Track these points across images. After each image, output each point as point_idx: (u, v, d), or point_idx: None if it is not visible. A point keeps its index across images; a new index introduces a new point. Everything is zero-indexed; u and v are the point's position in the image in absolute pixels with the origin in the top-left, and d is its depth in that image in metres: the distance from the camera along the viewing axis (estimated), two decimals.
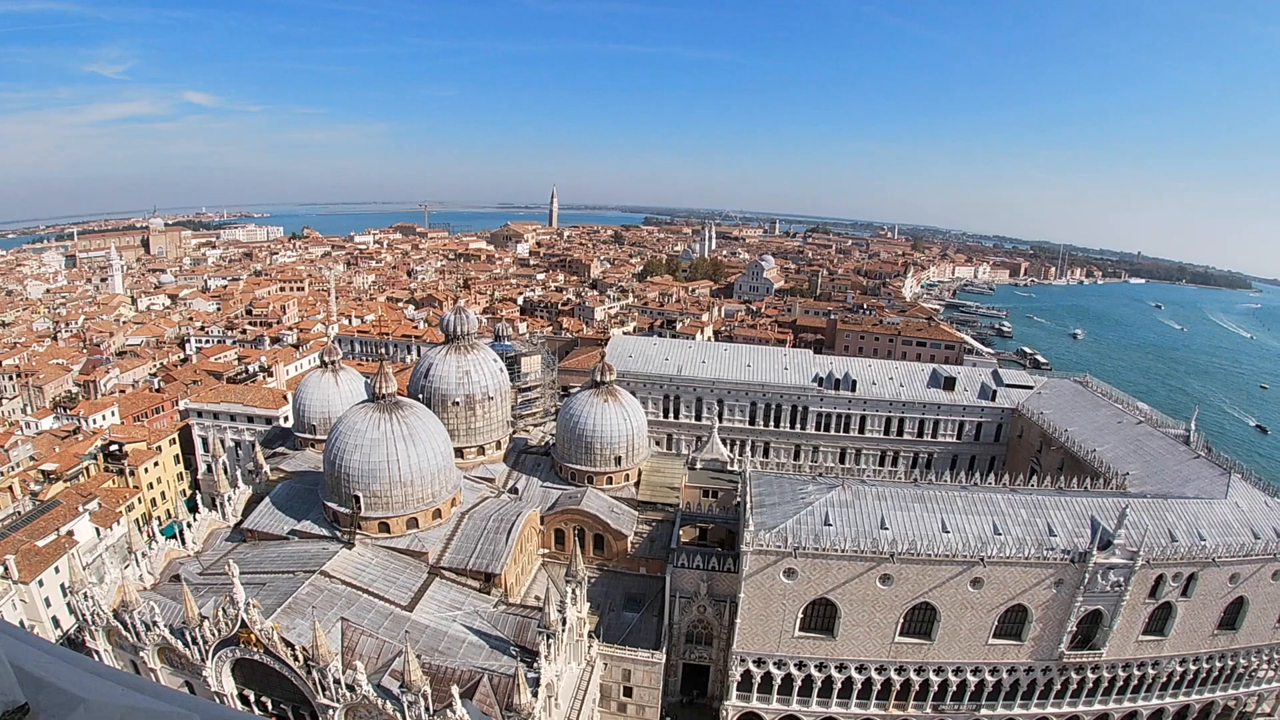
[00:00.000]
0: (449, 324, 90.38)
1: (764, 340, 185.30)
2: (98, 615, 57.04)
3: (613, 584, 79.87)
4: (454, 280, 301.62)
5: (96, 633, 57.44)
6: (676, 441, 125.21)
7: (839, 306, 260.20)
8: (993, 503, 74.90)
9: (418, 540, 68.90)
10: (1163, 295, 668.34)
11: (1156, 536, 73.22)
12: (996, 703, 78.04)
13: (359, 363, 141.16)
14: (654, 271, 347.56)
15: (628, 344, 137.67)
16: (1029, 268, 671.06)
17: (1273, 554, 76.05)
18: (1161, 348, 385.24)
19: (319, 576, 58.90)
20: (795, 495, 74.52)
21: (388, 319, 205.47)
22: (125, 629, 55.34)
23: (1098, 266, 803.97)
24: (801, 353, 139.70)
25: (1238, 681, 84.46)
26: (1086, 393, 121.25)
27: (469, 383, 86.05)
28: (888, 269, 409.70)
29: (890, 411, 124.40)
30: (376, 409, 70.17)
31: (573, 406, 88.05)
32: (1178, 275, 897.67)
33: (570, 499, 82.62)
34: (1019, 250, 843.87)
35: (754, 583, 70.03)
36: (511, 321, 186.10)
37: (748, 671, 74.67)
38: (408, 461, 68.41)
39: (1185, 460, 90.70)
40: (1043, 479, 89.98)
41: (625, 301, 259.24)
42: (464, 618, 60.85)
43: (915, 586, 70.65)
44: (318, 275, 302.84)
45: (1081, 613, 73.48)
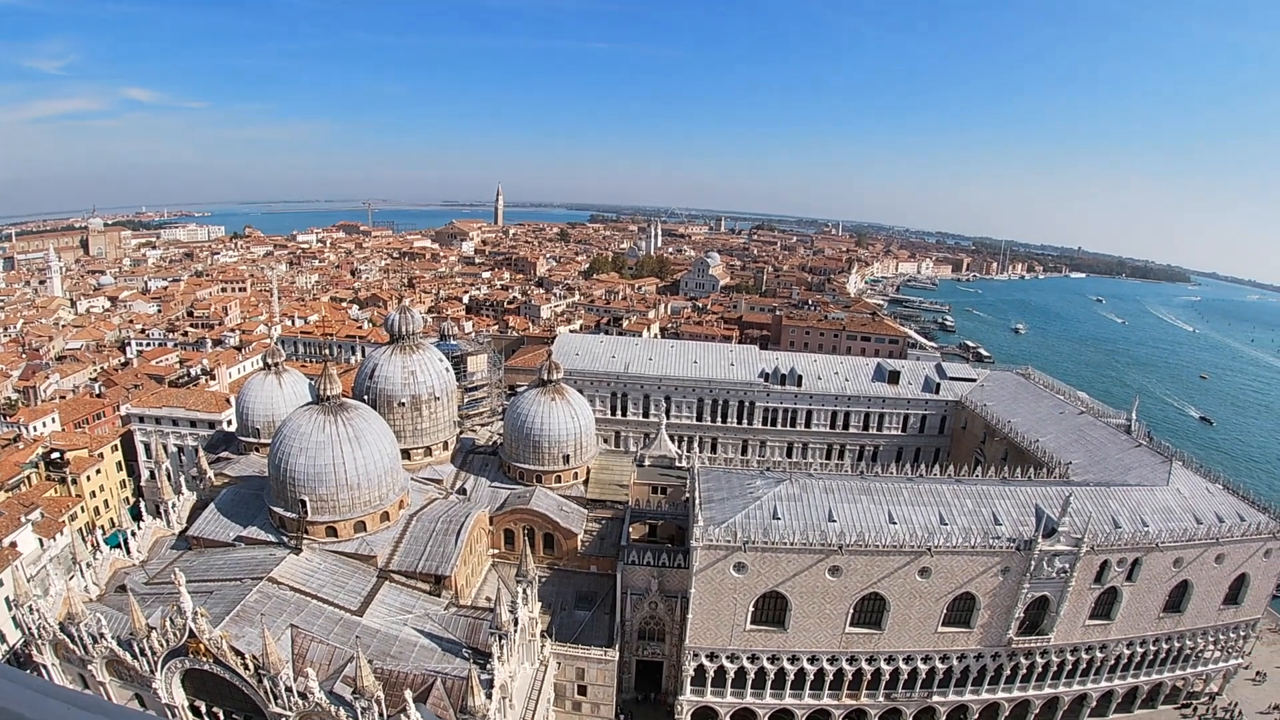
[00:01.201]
0: (394, 324, 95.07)
1: (710, 337, 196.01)
2: (44, 629, 61.09)
3: (564, 583, 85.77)
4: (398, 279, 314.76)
5: (44, 647, 61.49)
6: (625, 439, 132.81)
7: (784, 303, 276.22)
8: (938, 494, 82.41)
9: (366, 544, 73.81)
10: (1103, 289, 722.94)
11: (1100, 523, 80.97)
12: (948, 689, 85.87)
13: (303, 364, 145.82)
14: (600, 269, 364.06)
15: (574, 342, 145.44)
16: (971, 263, 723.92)
17: (1215, 538, 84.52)
18: (1102, 340, 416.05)
19: (267, 583, 63.58)
20: (743, 490, 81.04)
21: (331, 319, 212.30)
22: (72, 642, 59.55)
23: (1039, 261, 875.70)
24: (748, 349, 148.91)
25: (1185, 663, 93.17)
26: (1029, 385, 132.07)
27: (415, 383, 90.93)
28: (832, 265, 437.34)
29: (836, 406, 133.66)
30: (321, 411, 74.75)
31: (520, 405, 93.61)
32: (1117, 270, 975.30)
33: (519, 499, 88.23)
34: (961, 246, 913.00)
35: (704, 578, 76.25)
36: (457, 320, 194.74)
37: (701, 666, 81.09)
38: (354, 464, 73.13)
39: (1127, 449, 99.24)
40: (987, 469, 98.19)
41: (571, 299, 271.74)
42: (415, 621, 65.89)
43: (864, 577, 77.49)
44: (260, 275, 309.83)
45: (1029, 599, 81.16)
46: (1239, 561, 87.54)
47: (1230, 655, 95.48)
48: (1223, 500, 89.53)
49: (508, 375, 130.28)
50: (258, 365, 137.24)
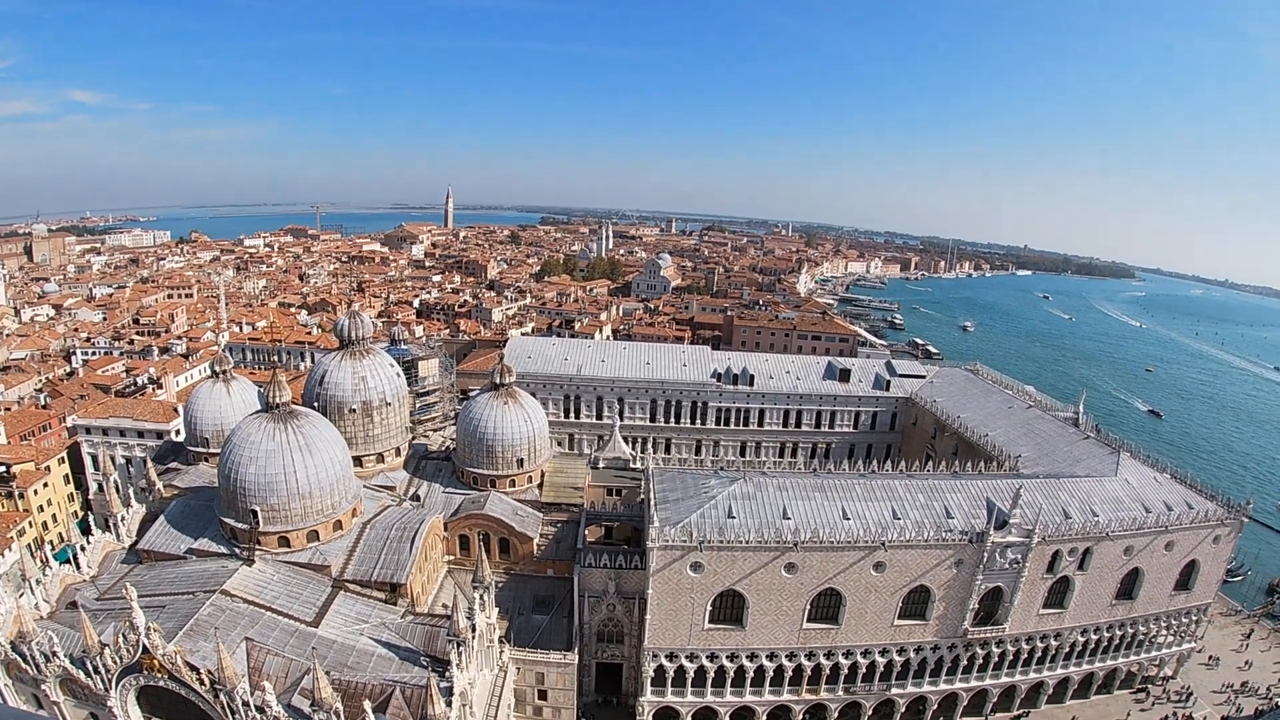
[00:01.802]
0: (343, 329, 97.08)
1: (662, 338, 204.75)
2: None
3: (520, 587, 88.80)
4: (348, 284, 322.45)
5: None
6: (578, 441, 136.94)
7: (735, 303, 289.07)
8: (891, 489, 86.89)
9: (319, 553, 75.94)
10: (1049, 286, 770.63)
11: (1051, 514, 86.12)
12: (906, 681, 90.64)
13: (251, 371, 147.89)
14: (552, 271, 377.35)
15: (526, 345, 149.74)
16: (919, 262, 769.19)
17: (1164, 526, 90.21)
18: (1049, 336, 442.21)
19: (220, 596, 65.57)
20: (698, 490, 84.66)
21: (280, 325, 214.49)
22: (24, 661, 60.98)
23: (986, 260, 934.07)
24: (700, 349, 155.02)
25: (1138, 648, 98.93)
26: (977, 380, 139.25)
27: (365, 389, 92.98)
28: (782, 265, 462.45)
29: (788, 404, 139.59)
30: (271, 419, 76.25)
31: (472, 410, 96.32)
32: (1063, 267, 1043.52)
33: (473, 504, 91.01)
34: (909, 245, 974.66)
35: (662, 578, 79.70)
36: (407, 325, 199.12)
37: (660, 666, 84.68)
38: (305, 472, 74.93)
39: (1075, 441, 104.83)
40: (938, 464, 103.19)
41: (523, 302, 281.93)
42: (371, 630, 68.32)
43: (820, 573, 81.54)
44: (206, 281, 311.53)
45: (983, 590, 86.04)
46: (1188, 548, 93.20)
47: (1183, 639, 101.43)
48: (1171, 489, 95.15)
49: (460, 379, 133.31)
50: (205, 373, 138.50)
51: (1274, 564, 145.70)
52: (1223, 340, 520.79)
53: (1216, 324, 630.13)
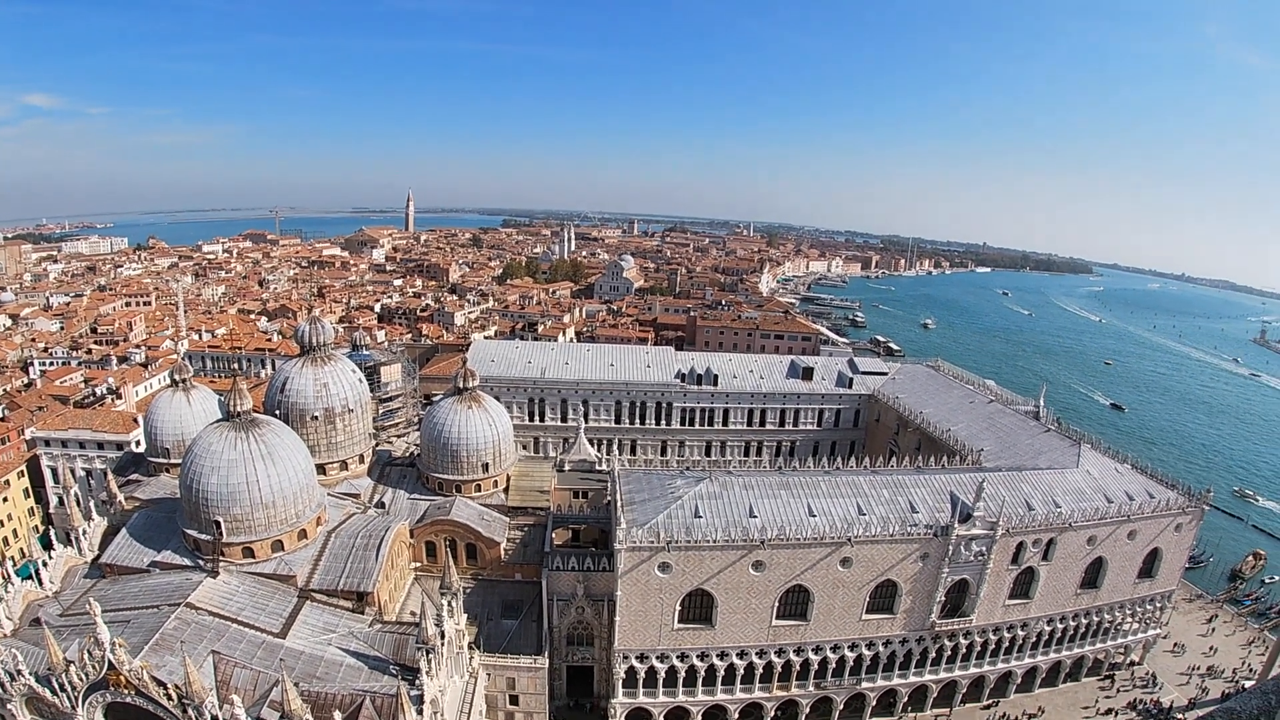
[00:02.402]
0: (304, 335, 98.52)
1: (626, 339, 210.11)
2: None
3: (489, 593, 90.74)
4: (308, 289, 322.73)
5: None
6: (544, 444, 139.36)
7: (698, 304, 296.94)
8: (856, 485, 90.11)
9: (284, 563, 77.33)
10: (1008, 282, 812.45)
11: (1014, 507, 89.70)
12: (876, 675, 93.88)
13: (211, 380, 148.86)
14: (514, 274, 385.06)
15: (489, 348, 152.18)
16: (880, 260, 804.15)
17: (1126, 516, 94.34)
18: (1009, 331, 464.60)
19: (185, 609, 66.74)
20: (664, 490, 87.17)
21: (240, 332, 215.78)
22: None
23: (945, 257, 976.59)
24: (663, 350, 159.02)
25: (1104, 635, 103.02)
26: (939, 376, 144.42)
27: (327, 395, 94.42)
28: (744, 265, 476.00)
29: (752, 403, 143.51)
30: (232, 428, 77.45)
31: (436, 415, 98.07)
32: (1022, 263, 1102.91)
33: (439, 509, 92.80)
34: (870, 244, 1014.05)
35: (630, 580, 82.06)
36: (369, 330, 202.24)
37: (631, 668, 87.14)
38: (268, 482, 76.27)
39: (1036, 434, 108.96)
40: (901, 459, 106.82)
41: (485, 305, 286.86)
42: (339, 640, 69.81)
43: (787, 570, 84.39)
44: (165, 288, 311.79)
45: (949, 583, 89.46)
46: (1151, 537, 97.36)
47: (1148, 626, 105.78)
48: (1132, 479, 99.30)
49: (423, 384, 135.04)
50: (165, 382, 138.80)
51: (1235, 550, 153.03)
52: (1180, 333, 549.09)
53: (1174, 317, 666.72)
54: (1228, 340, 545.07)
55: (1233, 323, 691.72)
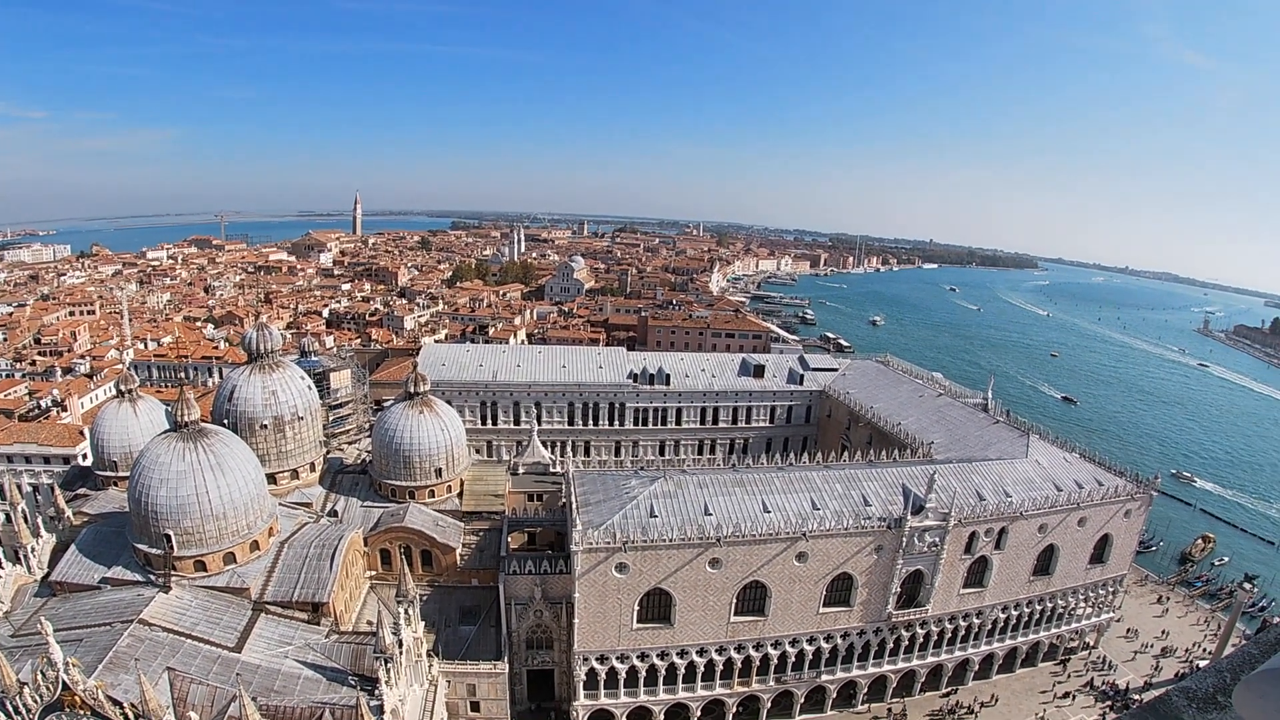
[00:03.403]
0: (251, 342, 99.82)
1: (578, 341, 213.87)
2: None
3: (446, 599, 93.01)
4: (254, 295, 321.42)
5: None
6: (497, 448, 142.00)
7: (649, 303, 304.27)
8: (809, 480, 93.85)
9: (237, 576, 78.85)
10: (955, 278, 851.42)
11: (965, 497, 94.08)
12: (835, 667, 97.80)
13: (158, 390, 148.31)
14: (464, 277, 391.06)
15: (440, 352, 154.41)
16: (829, 258, 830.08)
17: (1075, 503, 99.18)
18: (958, 326, 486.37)
19: (138, 626, 68.17)
20: (619, 491, 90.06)
21: (186, 340, 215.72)
22: None
23: (893, 254, 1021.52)
24: (615, 350, 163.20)
25: (1059, 621, 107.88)
26: (888, 371, 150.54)
27: (276, 403, 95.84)
28: (694, 265, 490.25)
29: (705, 402, 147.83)
30: (180, 439, 78.50)
31: (387, 420, 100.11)
32: (968, 259, 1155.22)
33: (393, 517, 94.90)
34: (819, 242, 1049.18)
35: (588, 581, 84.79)
36: (317, 336, 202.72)
37: (592, 670, 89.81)
38: (218, 493, 77.67)
39: (985, 426, 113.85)
40: (853, 454, 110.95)
41: (435, 309, 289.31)
42: (296, 652, 71.61)
43: (744, 567, 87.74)
44: (109, 296, 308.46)
45: (904, 574, 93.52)
46: (1101, 523, 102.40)
47: (1102, 611, 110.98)
48: (1080, 468, 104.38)
49: (373, 390, 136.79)
50: (111, 393, 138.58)
51: (1185, 534, 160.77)
52: (1124, 324, 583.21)
53: (1118, 309, 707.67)
54: (1172, 331, 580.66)
55: (1176, 313, 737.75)
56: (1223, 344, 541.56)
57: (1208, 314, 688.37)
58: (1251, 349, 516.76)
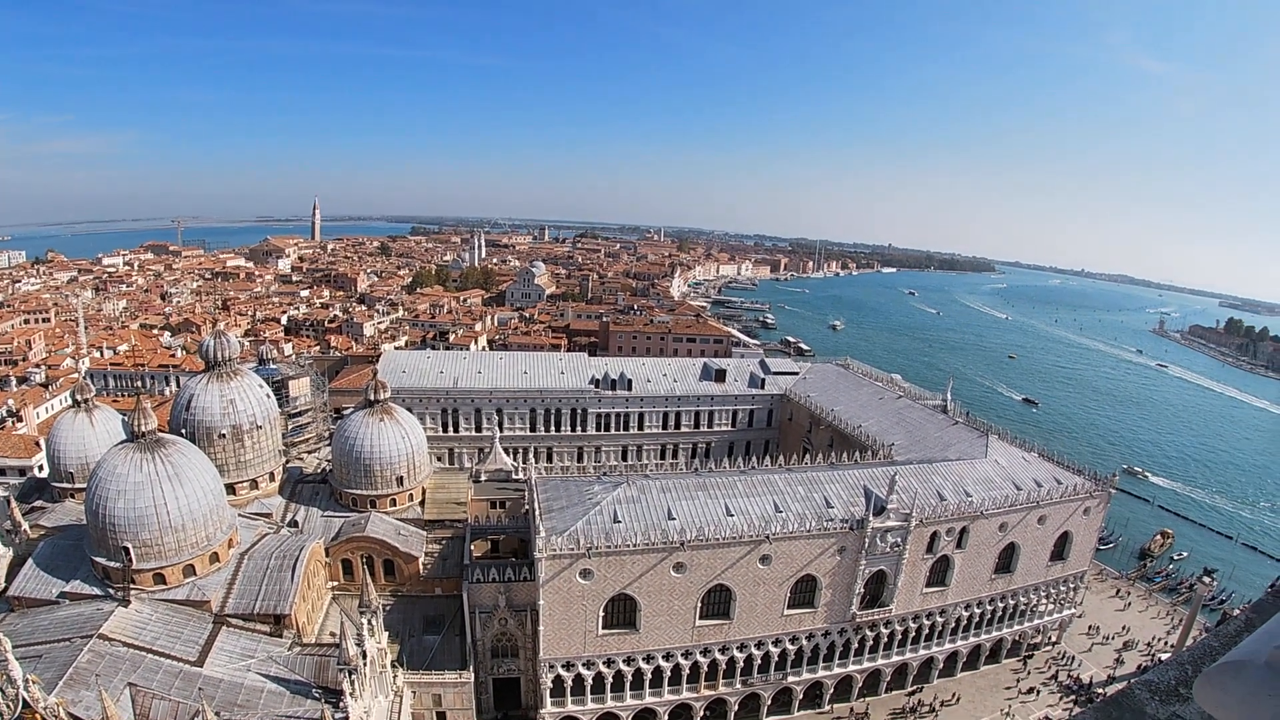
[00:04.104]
0: (208, 350, 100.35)
1: (539, 346, 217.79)
2: None
3: (409, 609, 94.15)
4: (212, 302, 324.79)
5: None
6: (458, 455, 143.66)
7: (610, 309, 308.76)
8: (771, 483, 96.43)
9: (197, 589, 79.47)
10: (914, 282, 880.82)
11: (926, 498, 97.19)
12: (801, 668, 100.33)
13: (114, 399, 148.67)
14: (424, 283, 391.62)
15: (400, 359, 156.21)
16: (789, 263, 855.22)
17: (1035, 502, 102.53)
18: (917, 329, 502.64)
19: (98, 641, 68.65)
20: (582, 497, 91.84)
21: (143, 348, 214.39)
22: None
23: (852, 259, 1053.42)
24: (577, 356, 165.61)
25: (1021, 618, 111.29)
26: (848, 374, 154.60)
27: (235, 412, 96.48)
28: (655, 270, 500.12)
29: (667, 407, 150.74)
30: (137, 449, 78.68)
31: (347, 429, 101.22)
32: (926, 263, 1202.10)
33: (354, 526, 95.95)
34: (779, 247, 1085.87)
35: (552, 588, 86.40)
36: (276, 343, 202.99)
37: (558, 677, 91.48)
38: (176, 504, 78.01)
39: (945, 427, 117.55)
40: (815, 456, 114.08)
41: (395, 315, 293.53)
42: (259, 665, 72.46)
43: (708, 571, 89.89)
44: (65, 304, 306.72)
45: (867, 575, 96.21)
46: (1060, 521, 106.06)
47: (1063, 607, 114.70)
48: (1039, 467, 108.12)
49: (332, 398, 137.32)
50: (67, 403, 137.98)
51: (1144, 530, 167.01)
52: (1081, 326, 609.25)
53: (1075, 311, 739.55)
54: (1128, 332, 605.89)
55: (1132, 315, 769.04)
56: (1178, 344, 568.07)
57: (1163, 315, 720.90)
58: (1206, 348, 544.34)
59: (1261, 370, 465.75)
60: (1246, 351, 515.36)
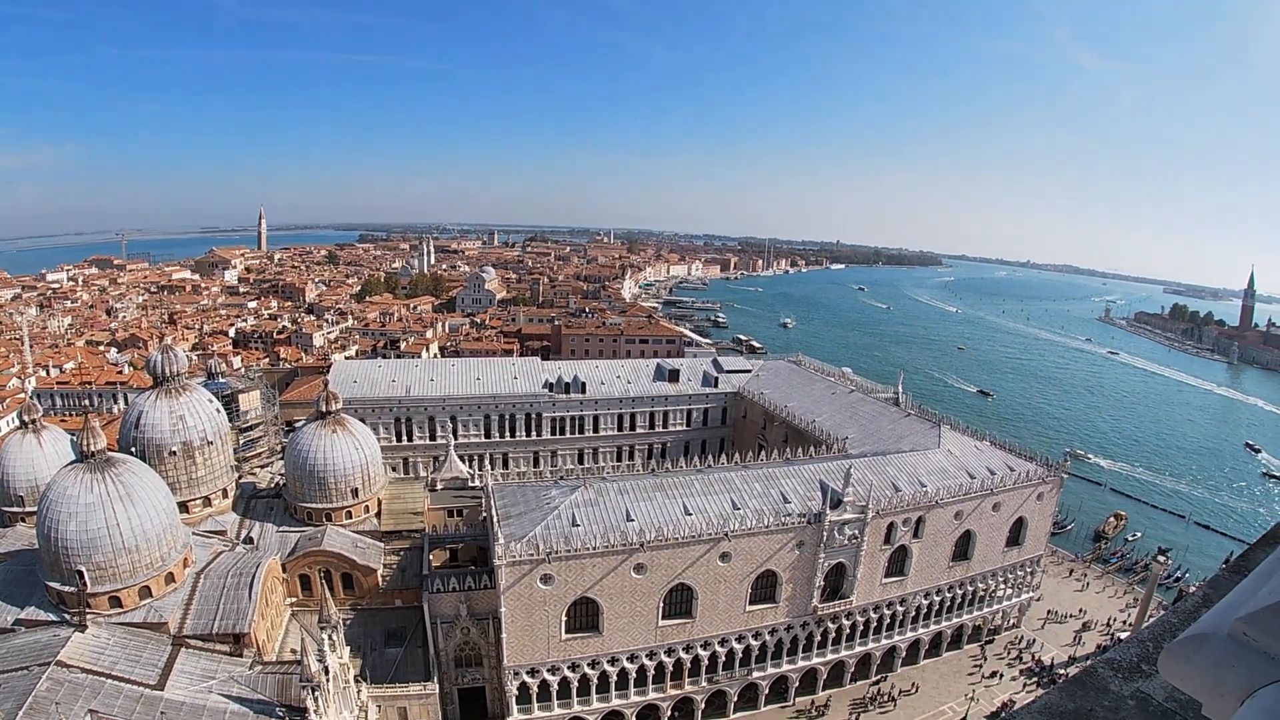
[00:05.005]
0: (156, 365, 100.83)
1: (491, 352, 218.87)
2: None
3: (370, 622, 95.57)
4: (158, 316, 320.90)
5: None
6: (413, 465, 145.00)
7: (562, 312, 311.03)
8: (728, 481, 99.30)
9: (154, 610, 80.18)
10: (863, 278, 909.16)
11: (882, 489, 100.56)
12: (765, 663, 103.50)
13: (62, 419, 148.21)
14: (373, 291, 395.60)
15: (351, 369, 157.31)
16: (738, 262, 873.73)
17: (989, 489, 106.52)
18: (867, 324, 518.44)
19: (56, 668, 69.24)
20: (540, 502, 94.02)
21: (89, 365, 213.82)
22: None
23: (801, 256, 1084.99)
24: (530, 361, 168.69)
25: (980, 603, 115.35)
26: (801, 370, 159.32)
27: (185, 429, 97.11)
28: (606, 272, 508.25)
29: (621, 408, 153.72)
30: (87, 469, 78.86)
31: (300, 442, 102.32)
32: (874, 259, 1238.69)
33: (310, 540, 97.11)
34: (728, 247, 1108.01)
35: (513, 595, 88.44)
36: (224, 356, 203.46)
37: (524, 684, 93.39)
38: (129, 524, 78.42)
39: (898, 419, 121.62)
40: (770, 453, 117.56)
41: (345, 325, 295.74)
42: (220, 686, 73.38)
43: (669, 570, 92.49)
44: (9, 322, 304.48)
45: (826, 568, 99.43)
46: (1014, 507, 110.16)
47: (1021, 591, 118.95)
48: (992, 455, 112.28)
49: (284, 410, 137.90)
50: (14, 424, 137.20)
51: (1097, 513, 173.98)
52: (1028, 316, 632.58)
53: (1022, 302, 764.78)
54: (1074, 320, 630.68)
55: (1078, 303, 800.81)
56: (1124, 331, 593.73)
57: (1108, 303, 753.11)
58: (1152, 334, 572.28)
59: (1207, 353, 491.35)
60: (1192, 336, 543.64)
